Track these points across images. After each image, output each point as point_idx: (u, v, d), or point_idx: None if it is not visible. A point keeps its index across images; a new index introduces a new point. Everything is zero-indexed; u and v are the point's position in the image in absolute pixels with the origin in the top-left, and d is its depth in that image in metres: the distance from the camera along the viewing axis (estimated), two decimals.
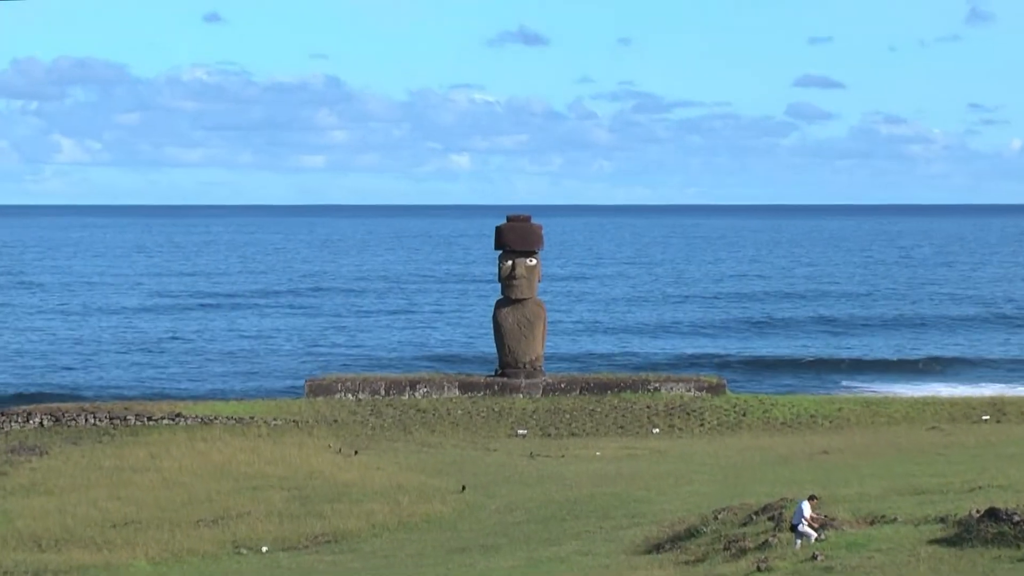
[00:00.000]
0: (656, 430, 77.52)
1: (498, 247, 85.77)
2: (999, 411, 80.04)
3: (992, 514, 35.28)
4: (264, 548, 47.29)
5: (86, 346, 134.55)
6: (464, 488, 57.15)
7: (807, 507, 36.48)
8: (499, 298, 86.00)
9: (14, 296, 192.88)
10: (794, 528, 36.57)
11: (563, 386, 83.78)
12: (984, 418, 78.80)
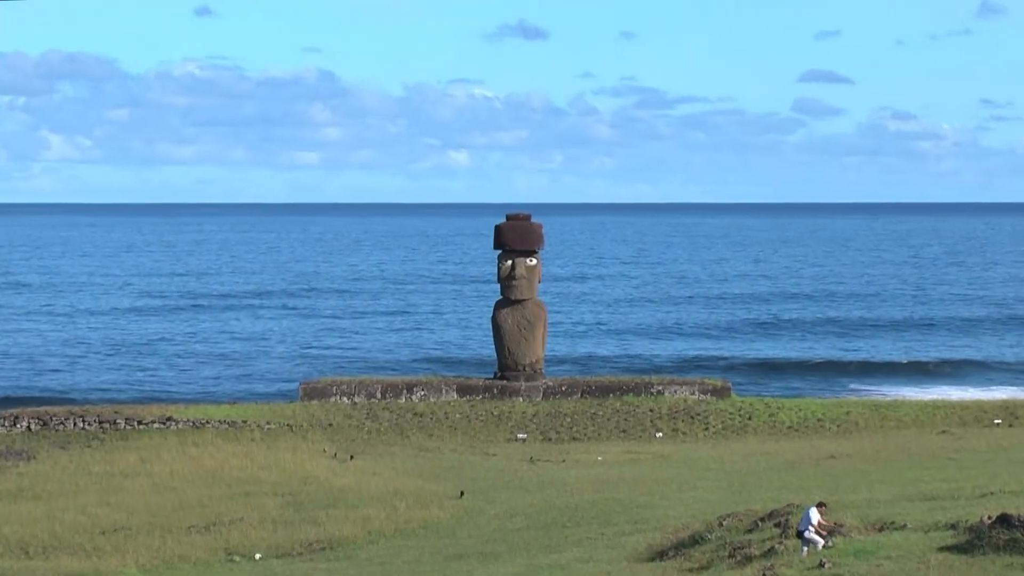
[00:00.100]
0: (659, 434, 77.60)
1: (497, 246, 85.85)
2: (1011, 415, 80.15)
3: (1004, 520, 35.28)
4: (257, 555, 47.31)
5: (74, 348, 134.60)
6: (462, 494, 57.16)
7: (815, 514, 36.49)
8: (498, 299, 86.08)
9: (1, 297, 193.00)
10: (800, 535, 36.59)
11: (564, 389, 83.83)
12: (996, 422, 78.90)
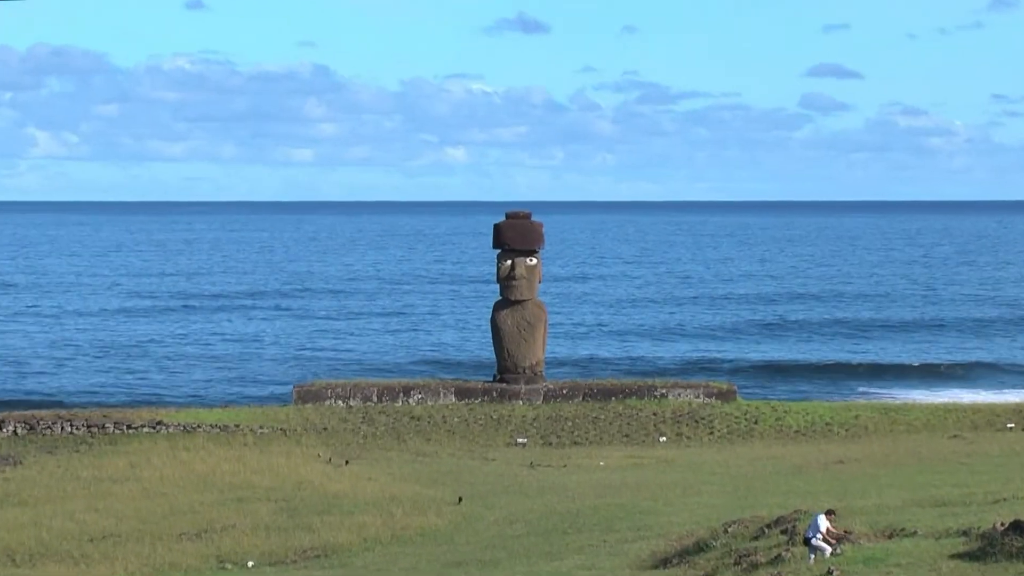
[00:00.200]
0: (663, 438, 77.63)
1: (496, 246, 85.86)
2: None
3: (1017, 527, 35.27)
4: (250, 563, 47.32)
5: (62, 350, 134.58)
6: (461, 499, 57.19)
7: (823, 521, 36.48)
8: (498, 299, 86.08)
9: None
10: (807, 542, 36.60)
11: (565, 392, 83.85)
12: (1009, 426, 78.94)
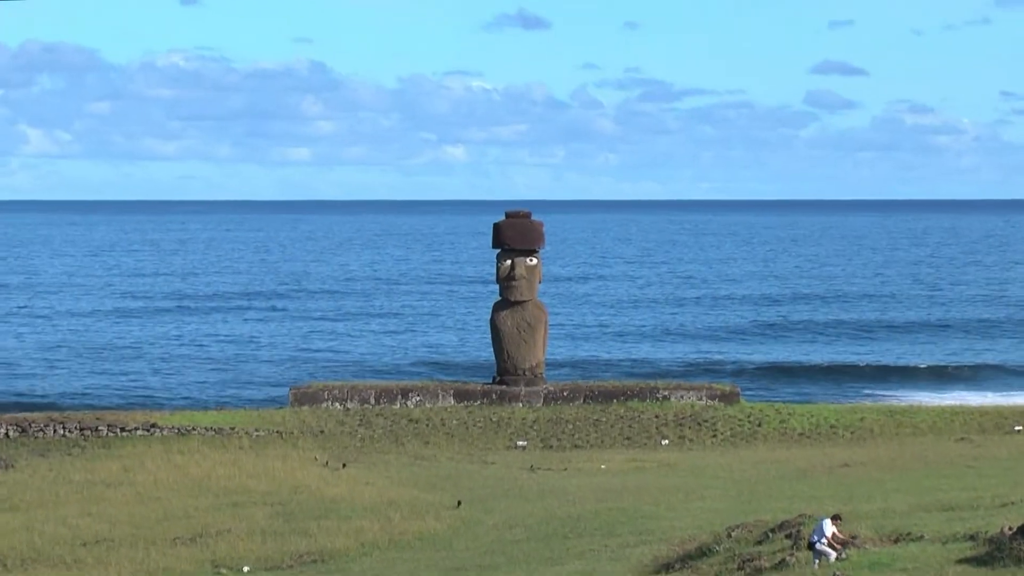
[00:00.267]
0: (665, 441, 77.65)
1: (496, 245, 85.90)
2: None
3: None
4: (245, 568, 47.36)
5: (54, 351, 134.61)
6: (460, 503, 57.22)
7: (828, 525, 36.48)
8: (497, 300, 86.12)
9: None
10: (812, 546, 36.61)
11: (565, 394, 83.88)
12: (1016, 428, 78.95)
